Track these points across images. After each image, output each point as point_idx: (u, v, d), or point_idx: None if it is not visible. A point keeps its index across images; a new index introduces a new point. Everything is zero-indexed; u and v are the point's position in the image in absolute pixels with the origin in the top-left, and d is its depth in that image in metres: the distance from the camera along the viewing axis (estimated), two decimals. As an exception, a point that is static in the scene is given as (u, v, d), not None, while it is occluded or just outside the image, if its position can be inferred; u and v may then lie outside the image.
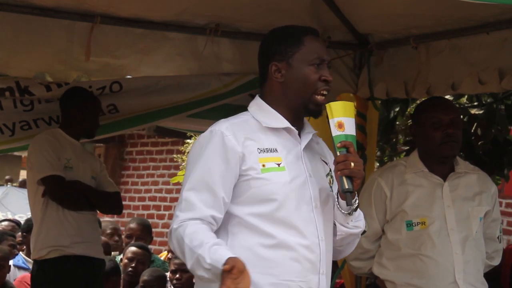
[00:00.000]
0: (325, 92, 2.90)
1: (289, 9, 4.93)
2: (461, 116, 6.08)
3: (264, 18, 5.03)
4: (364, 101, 5.30)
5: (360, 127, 5.33)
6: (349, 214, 2.86)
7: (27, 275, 6.16)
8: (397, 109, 6.20)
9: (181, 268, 6.13)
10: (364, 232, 4.09)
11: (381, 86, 5.12)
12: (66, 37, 4.83)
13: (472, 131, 6.04)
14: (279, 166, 2.85)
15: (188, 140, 8.58)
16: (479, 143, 5.95)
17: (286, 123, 2.91)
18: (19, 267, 6.90)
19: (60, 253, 4.90)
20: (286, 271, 2.83)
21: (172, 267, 6.31)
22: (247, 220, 2.84)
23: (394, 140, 6.82)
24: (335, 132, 2.80)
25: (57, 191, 4.91)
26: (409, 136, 6.50)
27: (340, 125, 2.79)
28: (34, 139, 4.98)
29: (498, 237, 4.15)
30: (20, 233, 7.43)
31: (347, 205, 2.82)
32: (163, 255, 7.57)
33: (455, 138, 3.95)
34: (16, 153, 17.14)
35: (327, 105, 2.86)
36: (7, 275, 6.42)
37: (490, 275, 4.16)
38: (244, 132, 2.89)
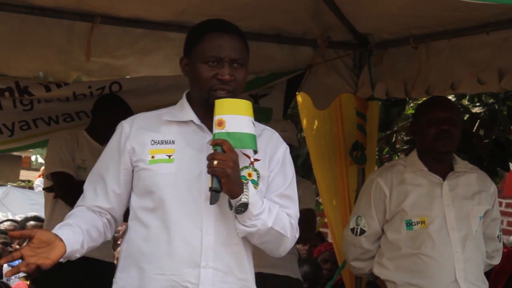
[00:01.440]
0: (222, 92, 2.85)
1: (289, 9, 4.94)
2: (463, 116, 6.11)
3: (264, 18, 5.03)
4: (364, 101, 5.31)
5: (360, 127, 5.34)
6: (236, 212, 2.80)
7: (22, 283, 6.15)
8: (395, 110, 6.20)
9: None
10: (363, 232, 4.12)
11: (381, 86, 5.13)
12: (66, 37, 4.84)
13: (474, 131, 6.05)
14: (169, 157, 2.87)
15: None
16: (481, 143, 5.95)
17: (189, 117, 2.92)
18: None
19: None
20: (158, 265, 2.82)
21: None
22: (137, 213, 2.90)
23: (393, 139, 6.83)
24: (214, 130, 2.77)
25: (63, 189, 4.92)
26: (408, 135, 6.51)
27: (220, 123, 2.75)
28: (53, 135, 5.00)
29: (498, 236, 4.15)
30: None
31: (210, 203, 2.76)
32: None
33: (449, 135, 3.95)
34: (16, 153, 17.17)
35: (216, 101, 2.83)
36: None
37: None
38: (144, 125, 2.95)
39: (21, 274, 6.42)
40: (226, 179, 2.72)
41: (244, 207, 2.79)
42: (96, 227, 2.92)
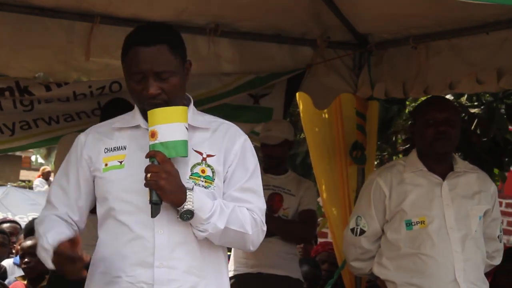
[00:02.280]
0: (149, 107, 2.82)
1: (289, 9, 4.94)
2: (461, 115, 6.11)
3: (264, 18, 5.04)
4: (364, 101, 5.31)
5: (359, 127, 5.35)
6: (182, 219, 2.79)
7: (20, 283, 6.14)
8: (395, 109, 6.21)
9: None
10: (363, 232, 4.12)
11: (380, 86, 5.13)
12: (66, 37, 4.84)
13: (472, 129, 6.05)
14: (120, 163, 2.90)
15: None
16: (479, 142, 5.96)
17: (137, 122, 2.93)
18: (19, 265, 6.90)
19: None
20: (116, 268, 2.84)
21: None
22: (100, 220, 2.94)
23: (393, 139, 6.83)
24: (149, 141, 2.79)
25: None
26: (407, 135, 6.51)
27: (153, 134, 2.78)
28: (63, 138, 5.00)
29: (498, 236, 4.15)
30: (22, 234, 7.44)
31: (152, 216, 2.76)
32: None
33: (447, 136, 3.95)
34: (16, 153, 17.17)
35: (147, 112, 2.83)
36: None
37: None
38: (99, 134, 2.98)
39: (18, 274, 6.42)
40: (161, 191, 2.73)
41: (189, 213, 2.78)
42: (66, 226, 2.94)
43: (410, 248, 3.93)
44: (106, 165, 2.91)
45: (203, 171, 2.87)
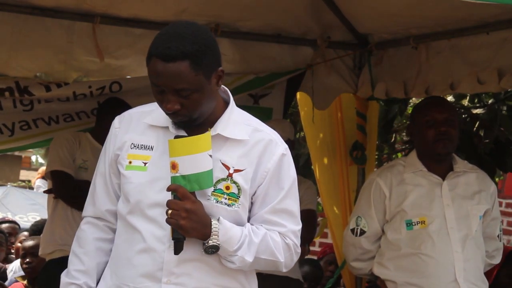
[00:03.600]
0: (171, 118, 2.69)
1: (289, 9, 4.94)
2: (463, 116, 6.11)
3: (264, 18, 5.04)
4: (364, 101, 5.31)
5: (360, 127, 5.35)
6: (207, 253, 2.67)
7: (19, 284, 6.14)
8: (396, 109, 6.20)
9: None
10: (363, 233, 4.12)
11: (381, 86, 5.13)
12: (66, 37, 4.84)
13: (474, 130, 6.04)
14: (144, 165, 2.74)
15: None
16: (481, 143, 5.95)
17: (166, 123, 2.74)
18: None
19: (65, 254, 4.88)
20: (124, 275, 2.73)
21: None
22: (119, 216, 2.82)
23: (392, 139, 6.83)
24: (170, 172, 2.64)
25: (61, 187, 4.93)
26: (407, 135, 6.50)
27: (174, 166, 2.62)
28: (56, 135, 5.01)
29: (498, 236, 4.15)
30: (21, 234, 7.43)
31: (175, 253, 2.65)
32: None
33: (448, 136, 3.95)
34: (16, 153, 17.16)
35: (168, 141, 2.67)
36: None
37: None
38: (132, 124, 2.81)
39: (18, 274, 6.42)
40: (182, 230, 2.61)
41: (214, 248, 2.66)
42: (105, 252, 2.85)
43: (410, 248, 3.93)
44: (130, 162, 2.76)
45: (227, 188, 2.70)
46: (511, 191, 9.74)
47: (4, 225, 8.11)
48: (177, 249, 2.65)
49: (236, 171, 2.71)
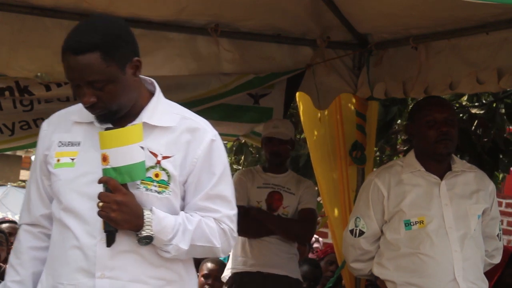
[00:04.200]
0: (90, 112, 2.69)
1: (289, 9, 4.94)
2: (461, 115, 6.11)
3: (264, 18, 5.04)
4: (364, 101, 5.31)
5: (359, 127, 5.35)
6: (141, 244, 2.66)
7: None
8: (395, 109, 6.20)
9: (214, 274, 5.97)
10: (362, 233, 4.12)
11: (380, 86, 5.13)
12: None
13: (472, 130, 6.05)
14: (72, 161, 2.74)
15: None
16: (480, 142, 5.96)
17: (90, 118, 2.74)
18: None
19: None
20: (59, 274, 2.71)
21: (205, 271, 6.08)
22: (53, 217, 2.81)
23: (393, 140, 6.83)
24: (101, 165, 2.63)
25: None
26: (406, 135, 6.51)
27: (104, 158, 2.61)
28: None
29: (497, 235, 4.15)
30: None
31: (107, 246, 2.64)
32: None
33: (449, 137, 3.95)
34: (16, 153, 17.17)
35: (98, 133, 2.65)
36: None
37: None
38: (60, 124, 2.83)
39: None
40: (113, 223, 2.61)
41: (148, 239, 2.65)
42: (40, 261, 2.84)
43: (409, 248, 3.93)
44: (58, 160, 2.76)
45: (157, 175, 2.69)
46: (511, 191, 9.74)
47: (4, 225, 8.10)
48: (109, 241, 2.65)
49: (164, 157, 2.70)
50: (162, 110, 2.77)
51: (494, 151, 5.97)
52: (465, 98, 6.30)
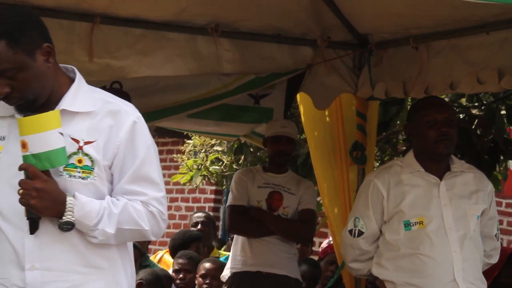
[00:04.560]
0: (7, 103, 2.66)
1: (289, 9, 4.94)
2: (461, 116, 6.11)
3: (264, 18, 5.04)
4: (364, 101, 5.30)
5: (360, 127, 5.35)
6: (62, 230, 2.64)
7: None
8: (394, 111, 6.20)
9: (185, 268, 6.06)
10: (361, 233, 4.11)
11: (380, 86, 5.12)
12: (66, 38, 4.83)
13: (473, 129, 6.05)
14: None
15: (189, 141, 8.58)
16: (479, 142, 5.96)
17: (11, 111, 2.71)
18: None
19: None
20: None
21: (176, 267, 6.25)
22: None
23: (394, 140, 6.82)
24: (21, 152, 2.62)
25: None
26: (405, 135, 6.50)
27: (24, 145, 2.60)
28: None
29: (495, 235, 4.15)
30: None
31: (30, 233, 2.62)
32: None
33: (449, 137, 3.95)
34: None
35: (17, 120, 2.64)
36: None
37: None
38: None
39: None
40: (34, 210, 2.59)
41: (69, 224, 2.63)
42: None
43: (409, 248, 3.93)
44: None
45: (80, 161, 2.67)
46: (511, 191, 9.73)
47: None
48: (32, 229, 2.63)
49: (86, 143, 2.69)
50: (83, 96, 2.75)
51: (494, 151, 5.97)
52: (465, 98, 6.30)
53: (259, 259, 5.21)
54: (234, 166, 7.58)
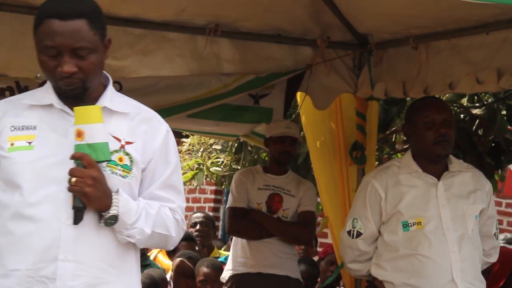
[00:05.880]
0: (64, 86, 2.64)
1: (288, 9, 4.94)
2: (462, 116, 6.11)
3: (263, 18, 5.04)
4: (364, 101, 5.31)
5: (360, 127, 5.35)
6: (106, 225, 2.64)
7: None
8: (394, 111, 6.20)
9: (211, 279, 5.92)
10: (360, 234, 4.11)
11: (380, 86, 5.13)
12: (66, 38, 4.83)
13: (474, 130, 6.05)
14: (29, 144, 2.67)
15: (186, 140, 8.57)
16: (480, 142, 5.96)
17: (49, 100, 2.70)
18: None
19: None
20: (15, 260, 2.62)
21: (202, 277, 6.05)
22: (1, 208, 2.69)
23: (393, 139, 6.82)
24: (74, 141, 2.61)
25: None
26: (404, 135, 6.51)
27: (79, 134, 2.60)
28: None
29: (494, 234, 4.15)
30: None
31: (74, 223, 2.60)
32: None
33: (447, 138, 3.95)
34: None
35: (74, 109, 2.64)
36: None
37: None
38: (9, 110, 2.74)
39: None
40: (86, 198, 2.58)
41: (114, 219, 2.63)
42: None
43: (407, 249, 3.93)
44: (12, 144, 2.67)
45: (120, 159, 2.69)
46: (511, 191, 9.73)
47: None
48: (77, 219, 2.61)
49: (127, 143, 2.71)
50: (117, 99, 2.79)
51: (496, 151, 5.97)
52: (466, 98, 6.30)
53: (259, 260, 5.21)
54: (234, 166, 7.58)
